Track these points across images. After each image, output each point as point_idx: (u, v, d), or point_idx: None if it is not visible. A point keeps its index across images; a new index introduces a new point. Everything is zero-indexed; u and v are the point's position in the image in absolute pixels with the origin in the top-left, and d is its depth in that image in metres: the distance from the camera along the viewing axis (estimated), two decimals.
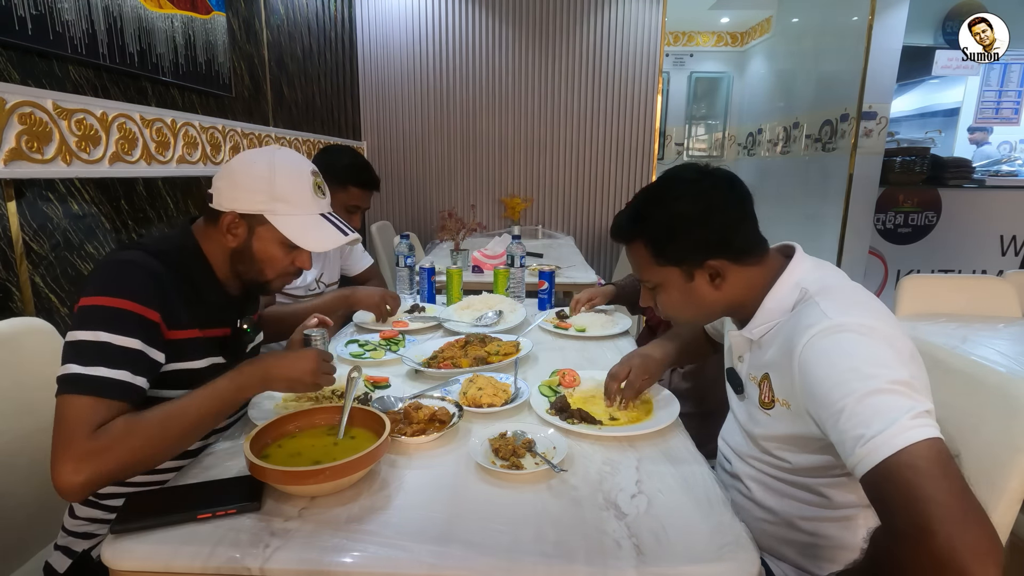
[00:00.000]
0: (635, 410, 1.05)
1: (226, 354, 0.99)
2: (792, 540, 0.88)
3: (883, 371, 0.67)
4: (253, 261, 0.96)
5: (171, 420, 0.80)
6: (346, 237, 0.98)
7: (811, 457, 0.83)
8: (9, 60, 1.24)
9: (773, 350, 0.84)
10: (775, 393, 0.84)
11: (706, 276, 0.88)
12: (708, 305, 0.91)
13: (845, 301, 0.77)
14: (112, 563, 0.67)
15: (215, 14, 2.03)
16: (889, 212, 3.66)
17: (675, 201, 0.87)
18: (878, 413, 0.64)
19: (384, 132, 3.93)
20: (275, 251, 0.96)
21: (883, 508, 0.64)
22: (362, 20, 3.76)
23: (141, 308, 0.82)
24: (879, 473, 0.63)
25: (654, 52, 3.77)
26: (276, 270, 0.99)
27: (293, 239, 0.94)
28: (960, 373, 0.88)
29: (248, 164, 0.95)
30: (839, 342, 0.72)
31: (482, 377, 1.11)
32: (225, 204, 0.94)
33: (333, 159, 1.61)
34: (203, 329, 0.94)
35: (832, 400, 0.69)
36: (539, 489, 0.80)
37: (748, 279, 0.88)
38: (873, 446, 0.63)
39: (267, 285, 1.01)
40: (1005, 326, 1.81)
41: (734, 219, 0.87)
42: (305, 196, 0.96)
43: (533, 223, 4.01)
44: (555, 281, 1.86)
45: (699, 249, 0.86)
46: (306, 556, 0.66)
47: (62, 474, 0.71)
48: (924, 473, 0.60)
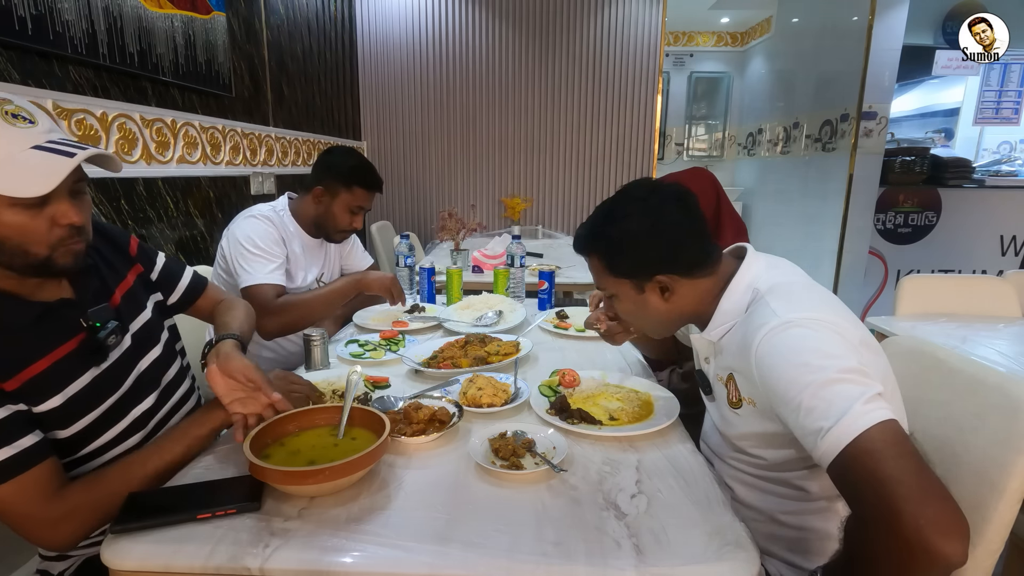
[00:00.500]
0: (635, 410, 1.05)
1: (93, 360, 0.83)
2: (779, 536, 0.89)
3: (832, 361, 0.70)
4: (1, 245, 0.73)
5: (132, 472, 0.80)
6: (71, 159, 0.72)
7: (783, 452, 0.84)
8: (9, 60, 1.24)
9: (733, 351, 0.86)
10: (741, 392, 0.86)
11: (656, 290, 0.91)
12: (660, 316, 0.94)
13: (792, 297, 0.80)
14: (112, 563, 0.67)
15: (215, 14, 2.03)
16: (889, 212, 3.66)
17: (624, 219, 0.90)
18: (832, 404, 0.66)
19: (384, 132, 3.93)
20: (14, 217, 0.72)
21: (850, 496, 0.66)
22: (362, 20, 3.76)
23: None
24: (841, 463, 0.65)
25: (654, 52, 3.77)
26: (40, 240, 0.74)
27: (10, 191, 0.70)
28: (960, 373, 0.88)
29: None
30: (788, 338, 0.74)
31: (482, 377, 1.11)
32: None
33: (338, 160, 1.62)
34: (45, 356, 0.77)
35: (789, 397, 0.71)
36: (539, 489, 0.80)
37: (699, 291, 0.91)
38: (831, 437, 0.65)
39: (49, 264, 0.77)
40: (1005, 326, 1.81)
41: (682, 236, 0.89)
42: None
43: (533, 223, 4.01)
44: (555, 281, 1.86)
45: (647, 265, 0.90)
46: (306, 556, 0.66)
47: (43, 540, 0.74)
48: (881, 456, 0.62)
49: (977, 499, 0.77)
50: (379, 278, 1.61)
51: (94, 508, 0.76)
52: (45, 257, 0.76)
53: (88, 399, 0.82)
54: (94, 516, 0.76)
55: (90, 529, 0.76)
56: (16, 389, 0.74)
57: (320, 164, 1.63)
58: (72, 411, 0.80)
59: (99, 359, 0.84)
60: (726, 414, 0.92)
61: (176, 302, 1.07)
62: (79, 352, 0.82)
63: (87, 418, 0.83)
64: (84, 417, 0.82)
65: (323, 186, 1.59)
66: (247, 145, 2.31)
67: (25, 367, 0.75)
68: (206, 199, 2.05)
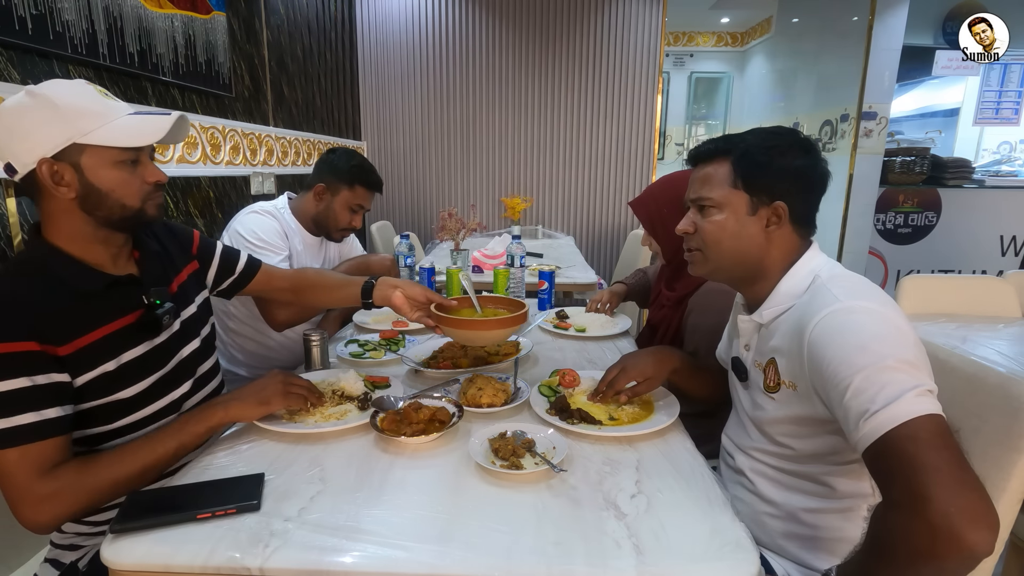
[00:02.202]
0: (635, 410, 1.05)
1: (147, 335, 0.92)
2: (795, 534, 0.88)
3: (890, 350, 0.69)
4: (104, 197, 0.84)
5: (123, 461, 0.81)
6: (169, 117, 0.87)
7: (816, 441, 0.83)
8: (9, 60, 1.24)
9: (781, 334, 0.86)
10: (781, 376, 0.86)
11: (765, 217, 0.89)
12: (746, 247, 0.90)
13: (855, 287, 0.80)
14: (112, 562, 0.67)
15: (215, 14, 2.03)
16: (889, 212, 3.66)
17: (780, 137, 0.90)
18: (883, 389, 0.66)
19: (384, 132, 3.93)
20: (117, 173, 0.84)
21: (883, 479, 0.66)
22: (362, 20, 3.76)
23: (8, 345, 0.74)
24: (881, 445, 0.65)
25: (654, 52, 3.77)
26: (135, 194, 0.87)
27: (123, 143, 0.83)
28: (960, 373, 0.88)
29: (15, 109, 0.80)
30: (848, 322, 0.74)
31: (482, 377, 1.11)
32: (29, 160, 0.80)
33: (340, 159, 1.65)
34: (106, 325, 0.86)
35: (840, 377, 0.71)
36: (539, 489, 0.80)
37: (788, 244, 0.90)
38: (877, 420, 0.65)
39: (142, 215, 0.89)
40: (1005, 326, 1.81)
41: (817, 182, 0.89)
42: (98, 103, 0.83)
43: (533, 223, 4.01)
44: (555, 281, 1.86)
45: (781, 186, 0.87)
46: (306, 556, 0.66)
47: (24, 518, 0.75)
48: (924, 444, 0.62)
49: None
50: (381, 260, 1.72)
51: (80, 493, 0.77)
52: (138, 209, 0.88)
53: (138, 369, 0.90)
54: (78, 501, 0.77)
55: (72, 514, 0.77)
56: (69, 355, 0.80)
57: (322, 163, 1.65)
58: (125, 376, 0.87)
59: (153, 334, 0.93)
60: (759, 399, 0.91)
61: (234, 281, 1.19)
62: (136, 325, 0.90)
63: (136, 387, 0.89)
64: (134, 385, 0.89)
65: (325, 184, 1.61)
66: (247, 145, 2.31)
67: (85, 333, 0.83)
68: (206, 199, 2.05)
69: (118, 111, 0.85)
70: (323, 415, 1.01)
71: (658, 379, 1.06)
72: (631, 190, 3.95)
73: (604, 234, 4.03)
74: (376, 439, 0.94)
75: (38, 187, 0.83)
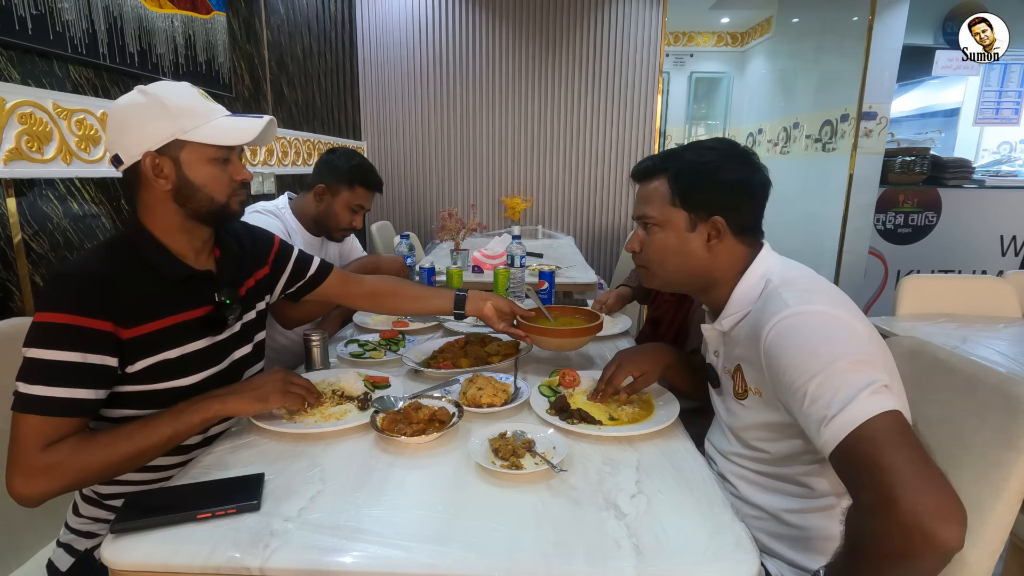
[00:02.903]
0: (635, 410, 1.05)
1: (211, 330, 0.96)
2: (782, 535, 0.88)
3: (840, 349, 0.70)
4: (196, 190, 0.91)
5: (118, 444, 0.81)
6: (261, 120, 0.94)
7: (788, 444, 0.84)
8: (9, 60, 1.24)
9: (742, 341, 0.88)
10: (748, 383, 0.87)
11: (706, 232, 0.91)
12: (691, 263, 0.93)
13: (805, 290, 0.81)
14: (112, 562, 0.67)
15: (215, 14, 2.03)
16: (889, 212, 3.66)
17: (713, 152, 0.92)
18: (837, 392, 0.67)
19: (384, 132, 3.93)
20: (210, 169, 0.92)
21: (851, 484, 0.67)
22: (362, 20, 3.76)
23: (82, 320, 0.79)
24: (843, 450, 0.65)
25: (654, 52, 3.77)
26: (223, 189, 0.94)
27: (220, 141, 0.91)
28: (960, 373, 0.88)
29: (129, 106, 0.88)
30: (798, 327, 0.75)
31: (482, 377, 1.11)
32: (135, 152, 0.87)
33: (341, 159, 1.66)
34: (179, 313, 0.91)
35: (796, 386, 0.72)
36: (539, 489, 0.80)
37: (734, 254, 0.92)
38: (835, 425, 0.66)
39: (226, 210, 0.96)
40: (1005, 326, 1.81)
41: (754, 192, 0.91)
42: (200, 104, 0.91)
43: (533, 223, 4.01)
44: (555, 281, 1.86)
45: (715, 202, 0.90)
46: (306, 556, 0.66)
47: (14, 486, 0.75)
48: (883, 445, 0.62)
49: (977, 499, 0.77)
50: (391, 261, 1.73)
51: (72, 471, 0.77)
52: (223, 204, 0.95)
53: (197, 361, 0.94)
54: (67, 479, 0.77)
55: (58, 491, 0.77)
56: (130, 339, 0.85)
57: (323, 163, 1.66)
58: (184, 366, 0.92)
59: (217, 331, 0.98)
60: (732, 406, 0.92)
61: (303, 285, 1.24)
62: (203, 320, 0.95)
63: (192, 378, 0.93)
64: (190, 376, 0.93)
65: (325, 184, 1.62)
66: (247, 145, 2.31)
67: (154, 320, 0.88)
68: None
69: (217, 112, 0.92)
70: (323, 415, 1.01)
71: (654, 374, 1.07)
72: (631, 190, 3.95)
73: (604, 234, 4.03)
74: (376, 439, 0.94)
75: (139, 177, 0.90)
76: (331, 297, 1.30)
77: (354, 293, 1.31)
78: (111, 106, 0.90)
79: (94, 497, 0.95)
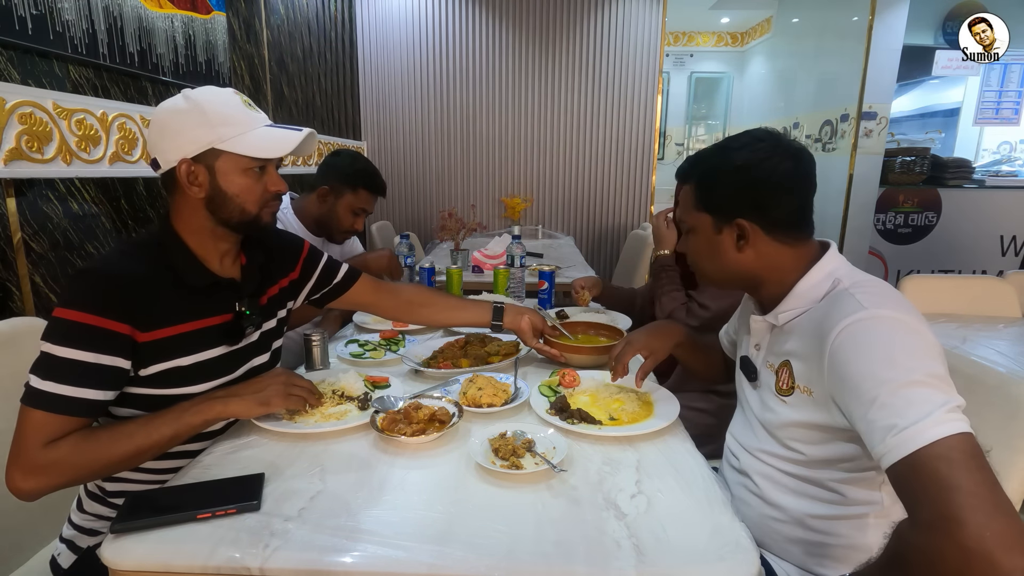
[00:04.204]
0: (635, 410, 1.05)
1: (228, 340, 0.96)
2: (800, 539, 0.87)
3: (919, 363, 0.67)
4: (228, 200, 0.91)
5: (118, 442, 0.81)
6: (300, 133, 0.94)
7: (827, 448, 0.82)
8: (9, 60, 1.24)
9: (798, 336, 0.84)
10: (795, 380, 0.84)
11: (733, 234, 0.88)
12: (726, 264, 0.91)
13: (880, 295, 0.77)
14: (112, 562, 0.67)
15: (215, 14, 2.03)
16: (889, 212, 3.66)
17: (732, 152, 0.88)
18: (912, 404, 0.64)
19: (384, 132, 3.93)
20: (244, 180, 0.91)
21: (911, 499, 0.64)
22: (362, 20, 3.76)
23: (101, 320, 0.79)
24: (910, 463, 0.63)
25: (654, 52, 3.77)
26: (256, 200, 0.93)
27: (256, 153, 0.90)
28: (960, 373, 0.88)
29: (171, 111, 0.89)
30: (875, 332, 0.72)
31: (482, 377, 1.11)
32: (172, 158, 0.88)
33: (345, 161, 1.66)
34: (198, 320, 0.91)
35: (865, 389, 0.69)
36: (539, 489, 0.80)
37: (775, 256, 0.88)
38: (906, 436, 0.63)
39: (257, 221, 0.95)
40: (1005, 326, 1.81)
41: (779, 189, 0.86)
42: (241, 112, 0.91)
43: (533, 223, 4.01)
44: (555, 281, 1.86)
45: (733, 204, 0.87)
46: (306, 556, 0.66)
47: (12, 479, 0.76)
48: (956, 464, 0.60)
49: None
50: (377, 257, 1.71)
51: (72, 468, 0.78)
52: (255, 215, 0.94)
53: (211, 370, 0.93)
54: (67, 476, 0.78)
55: (57, 487, 0.78)
56: (146, 342, 0.84)
57: (327, 165, 1.66)
58: (197, 373, 0.91)
59: (234, 340, 0.97)
60: (770, 402, 0.89)
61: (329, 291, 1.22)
62: (221, 328, 0.94)
63: (203, 385, 0.92)
64: (202, 383, 0.92)
65: (328, 186, 1.62)
66: None
67: (172, 324, 0.87)
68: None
69: (257, 122, 0.91)
70: (323, 415, 1.01)
71: (663, 351, 1.07)
72: (631, 190, 3.95)
73: (604, 234, 4.03)
74: (376, 439, 0.94)
75: (174, 182, 0.90)
76: (359, 305, 1.29)
77: (386, 303, 1.30)
78: (155, 110, 0.90)
79: (98, 494, 0.95)
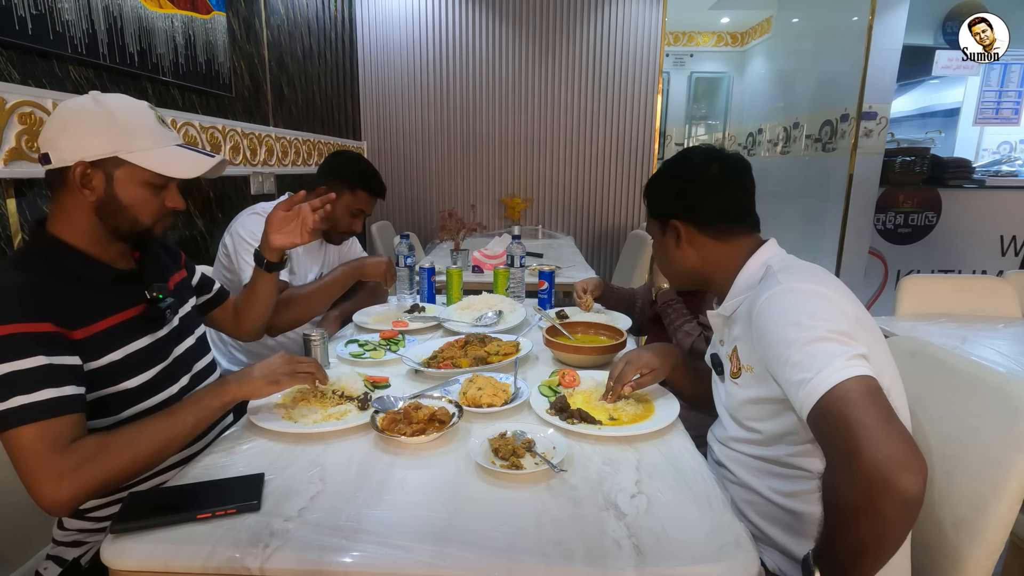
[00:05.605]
0: (635, 410, 1.05)
1: (150, 327, 0.94)
2: (776, 518, 0.89)
3: (821, 323, 0.74)
4: (122, 209, 0.88)
5: (142, 437, 0.81)
6: (212, 159, 0.93)
7: (778, 422, 0.86)
8: (9, 60, 1.24)
9: (740, 322, 0.91)
10: (741, 361, 0.90)
11: (672, 235, 1.00)
12: (673, 263, 1.04)
13: (799, 273, 0.84)
14: (111, 562, 0.67)
15: (215, 14, 2.03)
16: (889, 212, 3.65)
17: (669, 164, 1.04)
18: (816, 358, 0.70)
19: (384, 132, 3.93)
20: (142, 192, 0.89)
21: (824, 443, 0.70)
22: (362, 20, 3.76)
23: (28, 326, 0.76)
24: (818, 410, 0.68)
25: (654, 52, 3.77)
26: (151, 213, 0.91)
27: (162, 171, 0.88)
28: (960, 373, 0.88)
29: (77, 110, 0.85)
30: (786, 301, 0.79)
31: (482, 377, 1.11)
32: (68, 157, 0.83)
33: (345, 163, 1.65)
34: (113, 315, 0.88)
35: (779, 351, 0.75)
36: (539, 489, 0.80)
37: (713, 251, 0.98)
38: (812, 386, 0.69)
39: (149, 233, 0.93)
40: (1005, 326, 1.81)
41: (703, 189, 0.97)
42: (154, 128, 0.89)
43: (533, 223, 4.01)
44: (555, 281, 1.86)
45: (667, 207, 1.01)
46: (306, 556, 0.66)
47: (44, 495, 0.73)
48: (853, 403, 0.66)
49: (977, 499, 0.77)
50: (375, 263, 1.67)
51: (100, 468, 0.76)
52: (148, 227, 0.92)
53: (142, 360, 0.92)
54: (98, 476, 0.76)
55: (91, 491, 0.76)
56: (81, 340, 0.82)
57: (327, 166, 1.66)
58: (130, 367, 0.90)
59: (157, 326, 0.96)
60: (729, 388, 0.95)
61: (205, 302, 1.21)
62: (140, 318, 0.94)
63: (139, 378, 0.91)
64: (137, 376, 0.90)
65: (328, 187, 1.61)
66: (247, 145, 2.31)
67: (95, 321, 0.85)
68: (206, 199, 2.05)
69: (168, 140, 0.91)
70: (323, 415, 1.01)
71: (663, 371, 1.10)
72: (631, 190, 3.95)
73: (604, 234, 4.03)
74: (376, 439, 0.94)
75: (63, 182, 0.85)
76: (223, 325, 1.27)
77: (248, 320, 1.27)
78: (60, 105, 0.87)
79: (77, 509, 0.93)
